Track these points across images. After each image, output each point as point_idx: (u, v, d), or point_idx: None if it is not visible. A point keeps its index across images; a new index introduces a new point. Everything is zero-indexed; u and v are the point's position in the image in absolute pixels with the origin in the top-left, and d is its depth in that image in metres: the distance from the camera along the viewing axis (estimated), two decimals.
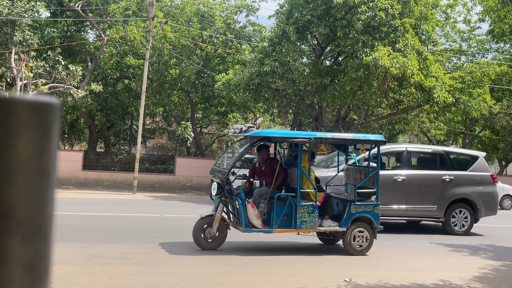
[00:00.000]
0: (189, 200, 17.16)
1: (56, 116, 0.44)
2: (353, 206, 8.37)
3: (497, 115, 22.56)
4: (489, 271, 7.77)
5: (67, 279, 5.83)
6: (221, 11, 25.22)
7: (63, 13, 23.55)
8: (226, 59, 24.77)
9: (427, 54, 17.52)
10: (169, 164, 23.50)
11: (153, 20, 19.43)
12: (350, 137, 9.01)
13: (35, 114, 0.40)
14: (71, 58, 22.95)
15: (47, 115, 0.41)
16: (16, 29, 18.71)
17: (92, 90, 20.92)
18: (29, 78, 17.77)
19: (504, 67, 24.30)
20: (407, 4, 17.44)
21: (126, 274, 6.25)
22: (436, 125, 24.88)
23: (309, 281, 6.39)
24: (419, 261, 8.16)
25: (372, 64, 15.17)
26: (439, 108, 17.53)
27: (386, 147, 11.58)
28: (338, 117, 19.78)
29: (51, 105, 0.42)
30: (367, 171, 8.79)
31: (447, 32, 28.03)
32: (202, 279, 6.20)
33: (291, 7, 17.59)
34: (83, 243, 7.93)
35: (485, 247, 10.12)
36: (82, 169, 20.64)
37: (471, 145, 30.39)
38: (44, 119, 0.41)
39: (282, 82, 17.20)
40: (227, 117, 27.22)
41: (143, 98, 19.19)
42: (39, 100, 0.41)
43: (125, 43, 22.86)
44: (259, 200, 8.20)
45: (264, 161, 8.72)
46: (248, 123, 17.66)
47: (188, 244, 8.18)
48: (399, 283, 6.55)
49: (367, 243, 8.41)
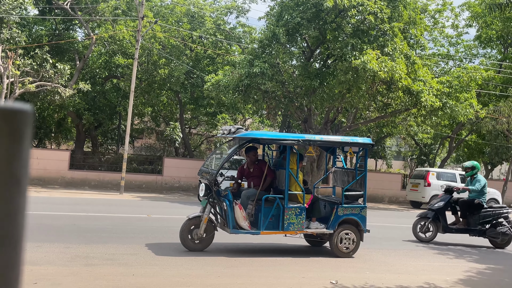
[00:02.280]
0: (177, 201, 17.09)
1: (28, 123, 0.43)
2: (340, 209, 8.40)
3: (483, 119, 22.81)
4: (473, 274, 7.85)
5: (51, 280, 5.77)
6: (211, 12, 25.18)
7: (52, 11, 23.33)
8: (216, 60, 24.73)
9: (415, 58, 17.67)
10: (157, 165, 23.38)
11: (142, 19, 19.33)
12: (338, 139, 9.05)
13: (6, 121, 0.39)
14: (59, 57, 22.73)
15: (19, 122, 0.41)
16: (4, 27, 18.49)
17: (80, 89, 20.74)
18: (16, 76, 17.56)
19: (490, 72, 24.60)
20: (396, 9, 17.58)
21: (111, 275, 6.20)
22: (423, 128, 25.09)
23: (295, 283, 6.40)
24: (404, 264, 8.22)
25: (360, 67, 15.26)
26: (427, 112, 17.68)
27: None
28: (327, 120, 19.85)
29: (23, 112, 0.41)
30: (354, 173, 8.83)
31: (435, 36, 28.30)
32: (188, 280, 6.18)
33: (281, 9, 17.62)
34: (68, 244, 7.85)
35: (470, 250, 10.23)
36: (69, 168, 20.45)
37: (457, 149, 30.69)
38: (15, 126, 0.40)
39: (271, 83, 17.21)
40: (216, 118, 27.17)
41: (132, 98, 19.08)
42: (10, 107, 0.40)
43: (114, 42, 22.71)
44: (247, 201, 8.20)
45: (253, 162, 8.72)
46: (237, 125, 17.66)
47: (175, 245, 8.15)
48: (385, 285, 6.59)
49: (353, 245, 8.44)
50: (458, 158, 34.94)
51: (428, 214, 10.72)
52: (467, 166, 11.13)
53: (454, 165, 40.20)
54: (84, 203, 14.26)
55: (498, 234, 10.44)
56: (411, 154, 35.95)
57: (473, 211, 10.65)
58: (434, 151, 31.71)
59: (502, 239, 10.50)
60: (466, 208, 10.77)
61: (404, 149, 37.66)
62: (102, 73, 24.40)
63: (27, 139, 0.42)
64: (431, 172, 21.32)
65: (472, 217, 10.64)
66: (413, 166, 33.61)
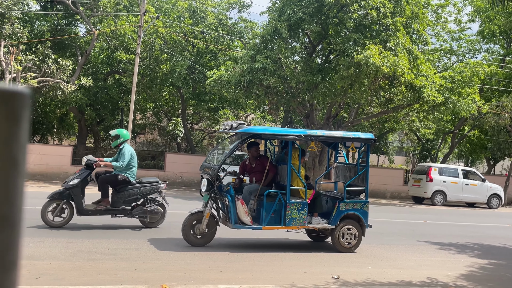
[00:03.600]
0: (179, 196, 17.11)
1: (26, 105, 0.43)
2: (342, 204, 8.40)
3: (486, 115, 22.74)
4: (475, 269, 7.85)
5: (54, 274, 5.79)
6: (213, 7, 25.13)
7: (54, 7, 23.31)
8: (218, 55, 24.69)
9: (417, 53, 17.61)
10: (159, 160, 23.40)
11: (144, 15, 19.30)
12: (340, 135, 9.03)
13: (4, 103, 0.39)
14: (61, 52, 22.73)
15: (16, 104, 0.41)
16: (6, 22, 18.49)
17: (82, 85, 20.75)
18: (18, 72, 17.58)
19: (493, 68, 24.51)
20: (399, 3, 17.51)
21: (114, 269, 6.22)
22: (425, 124, 25.05)
23: (297, 277, 6.41)
24: (406, 259, 8.22)
25: (363, 62, 15.22)
26: (429, 107, 17.64)
27: None
28: (329, 115, 19.82)
29: (21, 94, 0.41)
30: (356, 169, 8.82)
31: (438, 31, 28.19)
32: (190, 275, 6.19)
33: (283, 4, 17.57)
34: (71, 239, 7.87)
35: (471, 246, 10.22)
36: (71, 164, 20.48)
37: (460, 144, 30.63)
38: (13, 108, 0.40)
39: (273, 79, 17.19)
40: (218, 114, 27.16)
41: (134, 93, 19.08)
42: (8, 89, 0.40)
43: (116, 37, 22.69)
44: (248, 197, 8.21)
45: (254, 158, 8.72)
46: (239, 120, 17.64)
47: (177, 240, 8.17)
48: (387, 280, 6.59)
49: (355, 240, 8.45)
50: (460, 153, 34.88)
51: (64, 194, 8.86)
52: (112, 135, 9.42)
53: (456, 161, 40.15)
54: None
55: (146, 213, 9.23)
56: (413, 149, 35.91)
57: (119, 189, 9.13)
58: (436, 146, 31.66)
59: (152, 218, 9.32)
60: (109, 185, 9.21)
61: (406, 145, 37.61)
62: (104, 68, 24.40)
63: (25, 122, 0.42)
64: (433, 167, 21.29)
65: (117, 195, 9.11)
66: (415, 161, 33.57)
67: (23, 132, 0.41)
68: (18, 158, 0.40)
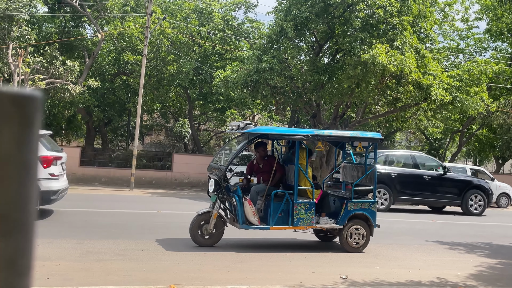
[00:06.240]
0: (187, 196, 17.14)
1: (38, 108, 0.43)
2: (350, 204, 8.37)
3: (494, 113, 22.59)
4: (484, 269, 7.79)
5: (63, 275, 5.83)
6: (220, 8, 25.16)
7: (61, 9, 23.45)
8: (224, 55, 24.72)
9: (425, 52, 17.51)
10: (167, 161, 23.47)
11: (151, 16, 19.36)
12: (347, 134, 9.00)
13: (16, 107, 0.39)
14: (69, 54, 22.86)
15: (29, 108, 0.41)
16: (14, 24, 18.62)
17: (90, 86, 20.86)
18: (27, 74, 17.70)
19: (501, 66, 24.33)
20: (406, 2, 17.41)
21: (122, 270, 6.24)
22: (433, 123, 24.91)
23: (305, 278, 6.40)
24: (415, 259, 8.18)
25: (370, 61, 15.15)
26: (437, 106, 17.53)
27: None
28: (336, 115, 19.77)
29: (33, 98, 0.41)
30: (364, 168, 8.79)
31: (445, 30, 28.04)
32: (198, 275, 6.20)
33: (289, 4, 17.54)
34: (80, 239, 7.91)
35: (481, 245, 10.15)
36: (79, 165, 20.59)
37: (468, 143, 30.45)
38: (25, 112, 0.40)
39: (280, 79, 17.16)
40: (225, 114, 27.19)
41: (141, 94, 19.15)
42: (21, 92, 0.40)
43: (123, 39, 22.79)
44: (256, 197, 8.20)
45: (262, 158, 8.72)
46: (246, 120, 17.64)
47: (185, 240, 8.18)
48: (395, 280, 6.56)
49: (363, 240, 8.42)
50: (468, 152, 34.67)
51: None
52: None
53: (464, 160, 39.90)
54: (95, 199, 14.36)
55: None
56: (421, 148, 35.73)
57: None
58: (444, 145, 31.49)
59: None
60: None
61: (414, 144, 37.45)
62: (111, 70, 24.50)
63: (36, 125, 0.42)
64: None
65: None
66: None
67: (35, 136, 0.41)
68: (30, 162, 0.40)
